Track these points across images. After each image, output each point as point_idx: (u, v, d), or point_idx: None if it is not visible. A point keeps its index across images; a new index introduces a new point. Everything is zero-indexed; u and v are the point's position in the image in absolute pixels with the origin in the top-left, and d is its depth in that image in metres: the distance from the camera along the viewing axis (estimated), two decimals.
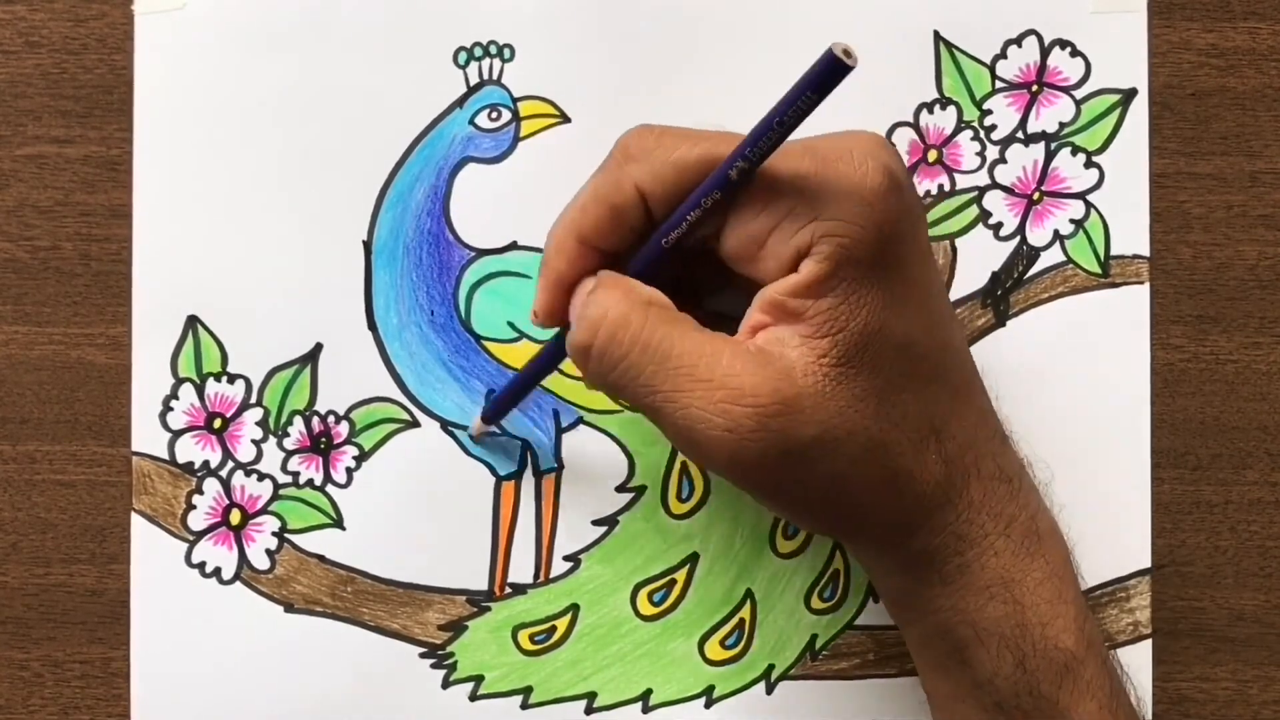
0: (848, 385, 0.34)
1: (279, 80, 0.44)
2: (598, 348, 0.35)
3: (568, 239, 0.37)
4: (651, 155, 0.36)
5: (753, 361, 0.34)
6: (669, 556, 0.44)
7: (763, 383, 0.34)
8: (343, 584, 0.44)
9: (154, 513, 0.44)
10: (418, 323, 0.44)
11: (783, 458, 0.34)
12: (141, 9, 0.44)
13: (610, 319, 0.35)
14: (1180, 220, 0.44)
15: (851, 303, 0.34)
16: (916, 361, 0.35)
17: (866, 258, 0.34)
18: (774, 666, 0.44)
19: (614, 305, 0.35)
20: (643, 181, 0.36)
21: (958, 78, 0.44)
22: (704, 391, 0.34)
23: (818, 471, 0.35)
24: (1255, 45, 0.44)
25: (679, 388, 0.35)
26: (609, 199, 0.36)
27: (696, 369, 0.34)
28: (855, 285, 0.34)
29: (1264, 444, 0.44)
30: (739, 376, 0.34)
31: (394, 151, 0.44)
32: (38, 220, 0.44)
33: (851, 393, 0.34)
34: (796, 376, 0.34)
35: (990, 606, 0.36)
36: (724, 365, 0.34)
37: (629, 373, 0.35)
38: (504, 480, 0.44)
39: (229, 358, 0.44)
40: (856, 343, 0.34)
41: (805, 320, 0.34)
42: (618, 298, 0.35)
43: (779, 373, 0.34)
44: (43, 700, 0.44)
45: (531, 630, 0.44)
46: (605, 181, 0.36)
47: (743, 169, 0.34)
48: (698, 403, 0.34)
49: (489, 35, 0.44)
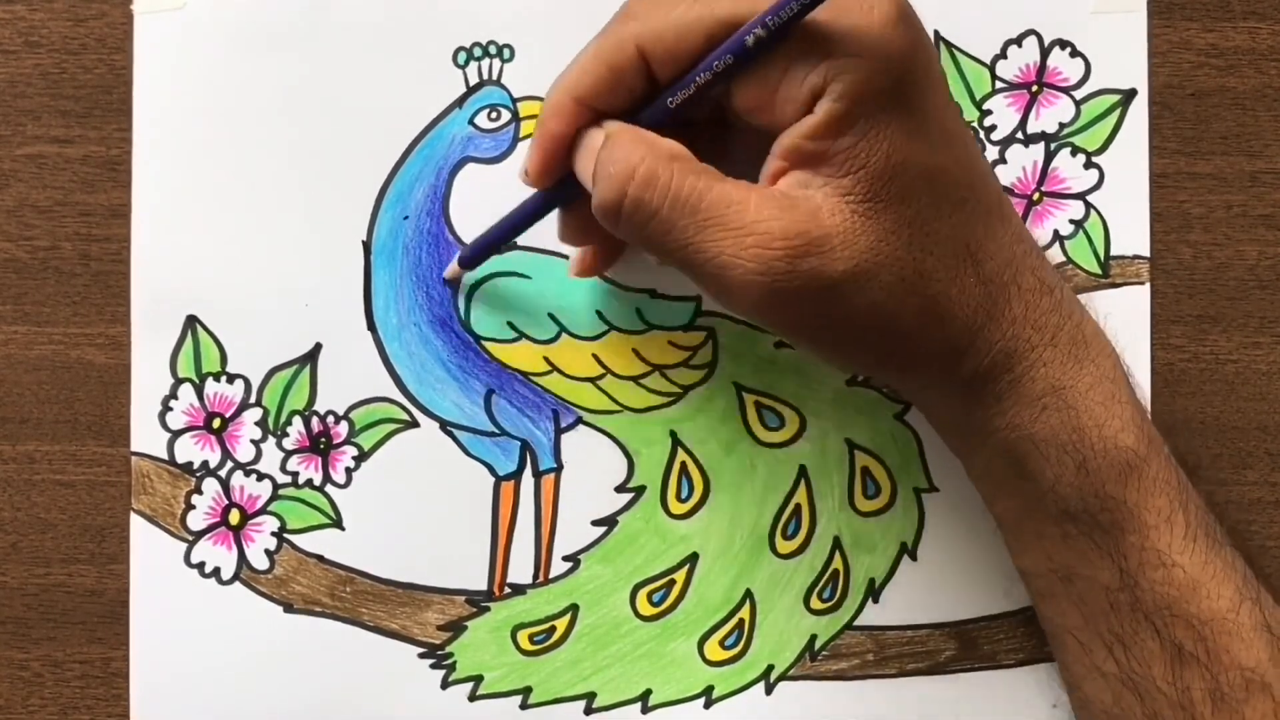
0: (876, 219, 0.35)
1: (279, 80, 0.44)
2: (629, 205, 0.35)
3: (565, 99, 0.37)
4: (652, 15, 0.36)
5: (779, 205, 0.35)
6: (668, 557, 0.44)
7: (791, 225, 0.34)
8: (342, 584, 0.44)
9: (153, 513, 0.44)
10: (417, 323, 0.44)
11: (818, 295, 0.35)
12: (141, 9, 0.44)
13: (640, 175, 0.35)
14: (1180, 220, 0.44)
15: (871, 138, 0.34)
16: (945, 188, 0.36)
17: (883, 90, 0.34)
18: (773, 667, 0.44)
19: (640, 161, 0.35)
20: (644, 41, 0.36)
21: (957, 78, 0.44)
22: (735, 239, 0.35)
23: (855, 305, 0.35)
24: (1255, 45, 0.44)
25: (710, 238, 0.35)
26: (609, 59, 0.36)
27: (726, 218, 0.35)
28: (874, 120, 0.34)
29: (1264, 444, 0.44)
30: (767, 222, 0.34)
31: (394, 151, 0.44)
32: (38, 220, 0.44)
33: (882, 226, 0.35)
34: (823, 217, 0.35)
35: (1045, 416, 0.37)
36: (752, 212, 0.35)
37: (660, 227, 0.35)
38: (503, 480, 0.44)
39: (228, 358, 0.44)
40: (881, 176, 0.34)
41: (827, 161, 0.35)
42: (642, 152, 0.35)
43: (806, 214, 0.35)
44: (42, 700, 0.44)
45: (531, 630, 0.44)
46: (606, 42, 0.36)
47: (760, 37, 0.34)
48: (729, 250, 0.35)
49: (489, 35, 0.44)
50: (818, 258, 0.34)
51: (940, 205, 0.36)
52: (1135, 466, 0.37)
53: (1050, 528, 0.38)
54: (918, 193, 0.35)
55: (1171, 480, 0.37)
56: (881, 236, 0.35)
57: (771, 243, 0.34)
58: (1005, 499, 0.39)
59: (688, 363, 0.44)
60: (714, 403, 0.44)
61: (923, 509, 0.44)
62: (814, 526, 0.44)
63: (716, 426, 0.44)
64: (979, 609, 0.44)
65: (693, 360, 0.44)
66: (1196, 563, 0.36)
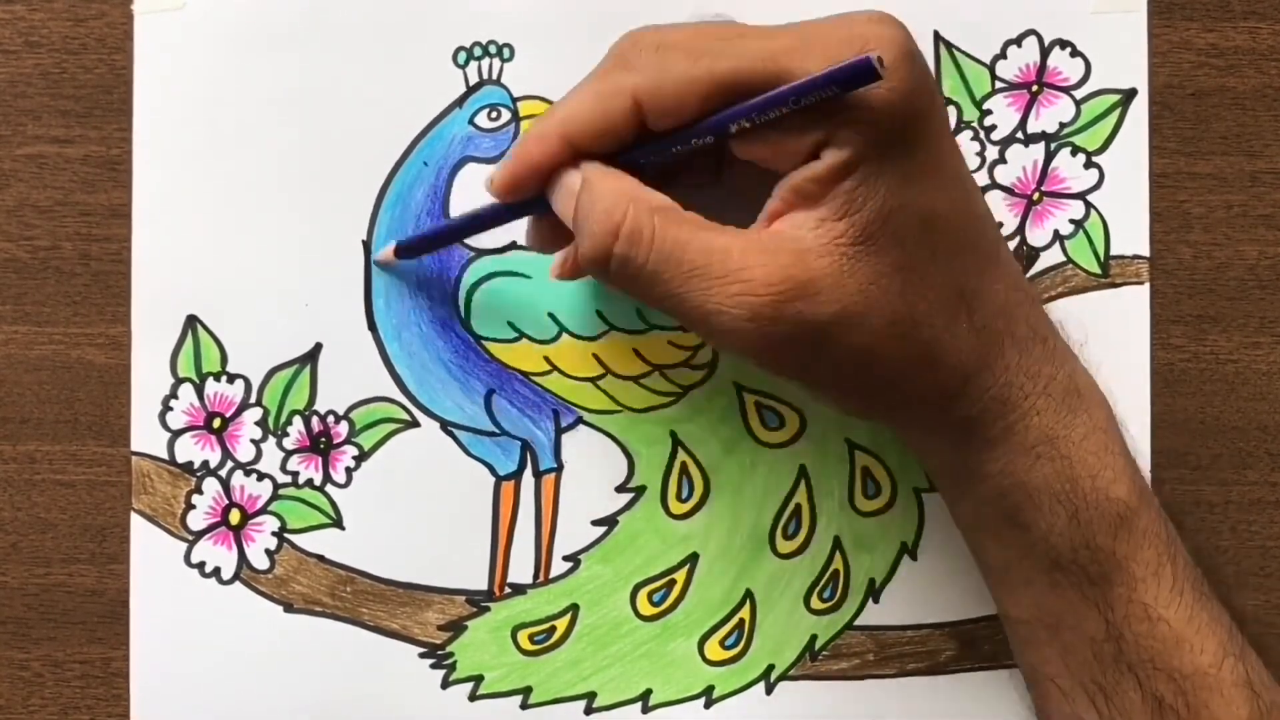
0: (867, 263, 0.35)
1: (279, 80, 0.44)
2: (616, 262, 0.35)
3: (553, 132, 0.37)
4: (651, 67, 0.35)
5: (764, 251, 0.35)
6: (669, 557, 0.44)
7: (775, 270, 0.34)
8: (342, 584, 0.44)
9: (154, 512, 0.44)
10: (417, 323, 0.44)
11: (806, 339, 0.35)
12: (141, 9, 0.44)
13: (625, 232, 0.35)
14: (1180, 220, 0.44)
15: (870, 184, 0.34)
16: (941, 234, 0.36)
17: (887, 138, 0.34)
18: (774, 667, 0.44)
19: (624, 216, 0.35)
20: (641, 93, 0.35)
21: (957, 78, 0.44)
22: (720, 287, 0.35)
23: (844, 348, 0.35)
24: (1255, 45, 0.44)
25: (696, 288, 0.35)
26: (605, 105, 0.36)
27: (710, 267, 0.35)
28: (876, 166, 0.34)
29: (1264, 444, 0.44)
30: (752, 269, 0.34)
31: (394, 151, 0.44)
32: (38, 220, 0.44)
33: (873, 269, 0.35)
34: (810, 259, 0.34)
35: (1038, 465, 0.37)
36: (736, 259, 0.35)
37: (647, 280, 0.35)
38: (503, 480, 0.44)
39: (228, 357, 0.44)
40: (875, 221, 0.34)
41: (823, 204, 0.35)
42: (625, 205, 0.35)
43: (792, 257, 0.35)
44: (43, 700, 0.44)
45: (531, 630, 0.44)
46: (603, 88, 0.36)
47: (744, 128, 0.35)
48: (715, 298, 0.35)
49: (489, 35, 0.44)
50: (804, 302, 0.34)
51: (936, 250, 0.35)
52: (1126, 519, 0.37)
53: (1039, 576, 0.38)
54: (913, 237, 0.35)
55: (1161, 533, 0.37)
56: (872, 280, 0.35)
57: (756, 289, 0.34)
58: (995, 546, 0.39)
59: (688, 363, 0.44)
60: (714, 403, 0.44)
61: (923, 509, 0.44)
62: (814, 526, 0.44)
63: (717, 426, 0.44)
64: (979, 609, 0.44)
65: (693, 360, 0.44)
66: (1182, 617, 0.37)
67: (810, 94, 0.33)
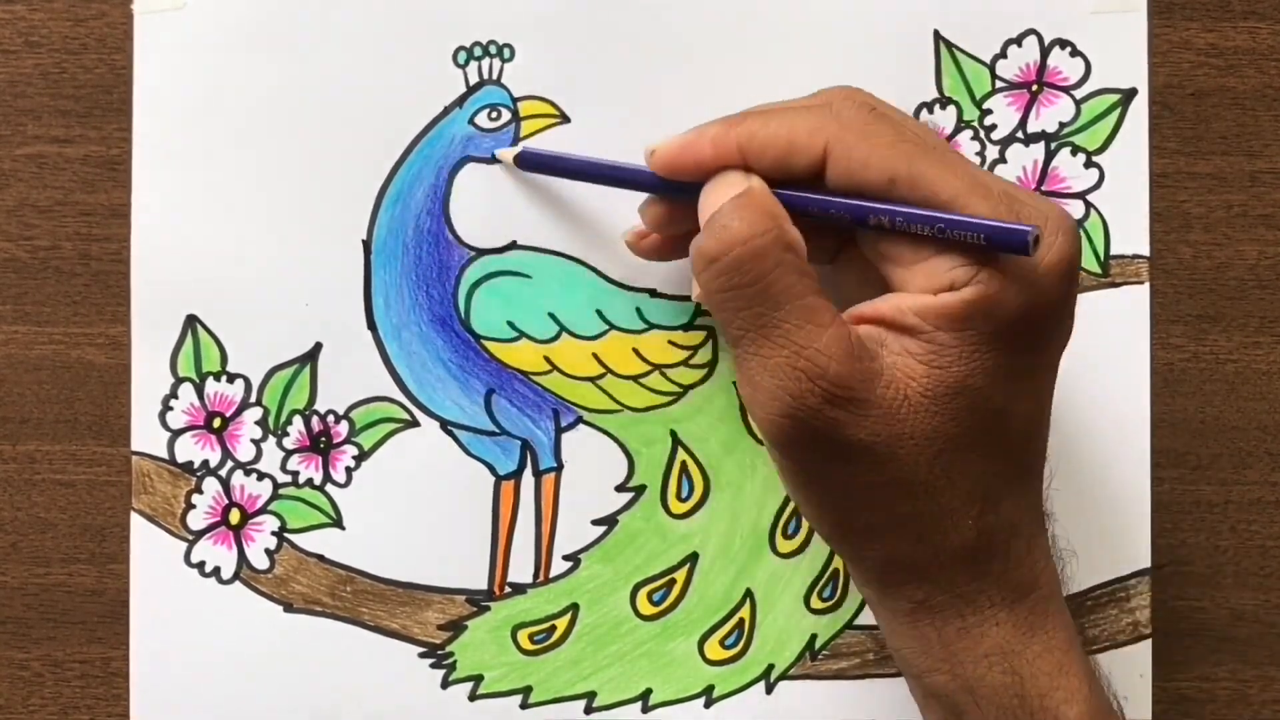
0: (921, 420, 0.34)
1: (278, 80, 0.44)
2: (723, 266, 0.35)
3: (730, 138, 0.36)
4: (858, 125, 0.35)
5: (848, 352, 0.34)
6: (669, 556, 0.44)
7: (847, 375, 0.34)
8: (342, 584, 0.44)
9: (153, 512, 0.44)
10: (417, 322, 0.44)
11: (825, 447, 0.35)
12: (141, 9, 0.44)
13: (751, 246, 0.34)
14: (1180, 220, 0.44)
15: (968, 352, 0.34)
16: (999, 434, 0.35)
17: (1008, 325, 0.34)
18: (774, 666, 0.44)
19: (760, 235, 0.35)
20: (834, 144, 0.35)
21: (958, 77, 0.44)
22: (791, 353, 0.34)
23: (850, 474, 0.35)
24: (1255, 45, 0.44)
25: (771, 337, 0.34)
26: (798, 139, 0.36)
27: (798, 330, 0.34)
28: (982, 340, 0.34)
29: (1264, 444, 0.44)
30: (828, 358, 0.34)
31: (394, 151, 0.44)
32: (38, 220, 0.44)
33: (921, 427, 0.34)
34: (879, 384, 0.34)
35: (990, 675, 0.36)
36: (822, 342, 0.34)
37: (736, 301, 0.35)
38: (503, 480, 0.44)
39: (228, 357, 0.44)
40: (952, 389, 0.34)
41: (918, 339, 0.34)
42: (765, 228, 0.35)
43: (866, 371, 0.34)
44: (43, 700, 0.44)
45: (531, 630, 0.44)
46: (802, 122, 0.36)
47: (883, 225, 0.35)
48: (778, 358, 0.34)
49: (489, 35, 0.44)
50: (847, 413, 0.34)
51: (984, 445, 0.35)
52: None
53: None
54: (974, 422, 0.35)
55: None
56: (913, 435, 0.34)
57: (819, 376, 0.34)
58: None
59: (688, 362, 0.44)
60: (714, 402, 0.44)
61: None
62: None
63: (716, 426, 0.44)
64: None
65: (693, 360, 0.44)
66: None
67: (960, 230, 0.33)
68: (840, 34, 0.44)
